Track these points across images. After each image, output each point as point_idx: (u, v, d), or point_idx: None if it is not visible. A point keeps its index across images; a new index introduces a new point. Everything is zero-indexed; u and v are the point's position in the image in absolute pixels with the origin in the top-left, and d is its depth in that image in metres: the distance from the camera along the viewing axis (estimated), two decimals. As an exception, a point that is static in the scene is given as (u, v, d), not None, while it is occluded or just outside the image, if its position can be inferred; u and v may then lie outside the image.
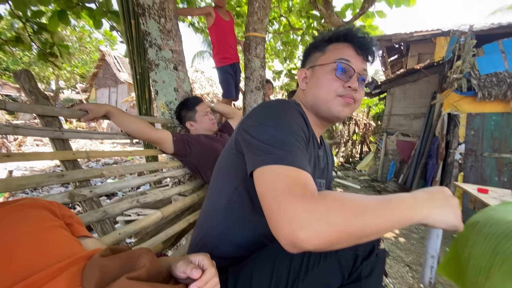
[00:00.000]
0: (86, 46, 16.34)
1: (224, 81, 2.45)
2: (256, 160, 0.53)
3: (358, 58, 0.71)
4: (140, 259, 0.49)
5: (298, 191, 0.46)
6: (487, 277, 0.69)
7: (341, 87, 0.69)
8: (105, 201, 3.34)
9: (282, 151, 0.52)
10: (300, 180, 0.48)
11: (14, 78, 0.94)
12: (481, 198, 1.05)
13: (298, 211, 0.43)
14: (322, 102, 0.71)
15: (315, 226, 0.42)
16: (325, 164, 0.84)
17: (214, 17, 2.27)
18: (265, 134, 0.56)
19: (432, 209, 0.49)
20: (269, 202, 0.47)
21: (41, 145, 8.29)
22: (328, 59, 0.72)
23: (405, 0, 3.09)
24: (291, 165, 0.50)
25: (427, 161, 4.58)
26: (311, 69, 0.76)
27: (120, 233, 0.92)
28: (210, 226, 0.72)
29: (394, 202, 0.47)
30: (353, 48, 0.72)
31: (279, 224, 0.44)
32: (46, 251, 0.47)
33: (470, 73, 3.82)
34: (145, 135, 1.27)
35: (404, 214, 0.46)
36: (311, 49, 0.79)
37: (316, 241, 0.42)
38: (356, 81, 0.70)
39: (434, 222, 0.49)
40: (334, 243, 0.43)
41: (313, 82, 0.74)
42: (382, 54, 7.61)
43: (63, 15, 2.31)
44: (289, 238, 0.43)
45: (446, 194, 0.53)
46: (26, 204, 0.54)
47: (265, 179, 0.50)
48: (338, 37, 0.74)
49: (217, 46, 2.38)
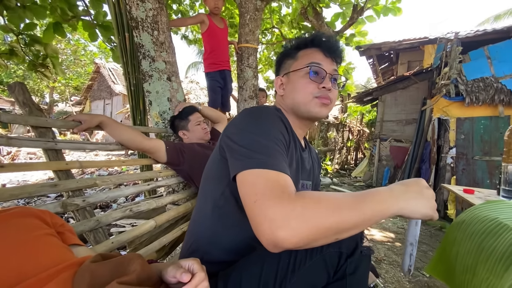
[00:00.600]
0: (81, 59, 16.43)
1: (210, 89, 2.42)
2: (238, 165, 0.56)
3: (327, 60, 0.76)
4: (130, 264, 0.50)
5: (277, 193, 0.48)
6: (473, 274, 0.71)
7: (316, 89, 0.74)
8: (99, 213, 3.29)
9: (263, 155, 0.55)
10: (279, 182, 0.51)
11: (9, 91, 0.95)
12: (467, 199, 1.08)
13: (277, 212, 0.45)
14: (301, 104, 0.76)
15: (293, 224, 0.44)
16: (311, 166, 0.87)
17: (207, 24, 2.27)
18: (246, 139, 0.59)
19: (407, 200, 0.51)
20: (251, 206, 0.49)
21: (35, 159, 8.19)
22: (301, 64, 0.76)
23: (392, 10, 3.21)
24: (271, 169, 0.53)
25: (420, 165, 4.64)
26: (286, 75, 0.81)
27: (113, 242, 0.92)
28: (200, 232, 0.73)
29: (370, 196, 0.50)
30: (322, 51, 0.77)
31: (260, 226, 0.46)
32: (37, 259, 0.47)
33: (457, 79, 3.94)
34: (138, 145, 1.28)
35: (379, 207, 0.49)
36: (282, 58, 0.84)
37: (295, 239, 0.44)
38: (329, 82, 0.75)
39: (410, 213, 0.51)
40: (313, 240, 0.45)
41: (290, 87, 0.78)
42: (373, 62, 7.79)
43: (58, 28, 2.34)
44: (270, 238, 0.45)
45: (421, 185, 0.55)
46: (17, 212, 0.55)
47: (246, 183, 0.53)
48: (305, 43, 0.79)
49: (209, 52, 2.37)
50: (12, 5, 2.13)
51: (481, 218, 0.79)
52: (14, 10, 2.16)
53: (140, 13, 1.57)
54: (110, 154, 10.31)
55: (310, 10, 3.38)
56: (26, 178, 5.57)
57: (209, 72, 2.40)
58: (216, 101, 2.43)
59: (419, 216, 0.53)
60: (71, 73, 17.09)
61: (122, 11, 2.06)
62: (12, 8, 2.14)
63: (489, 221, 0.75)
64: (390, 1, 3.16)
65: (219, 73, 2.41)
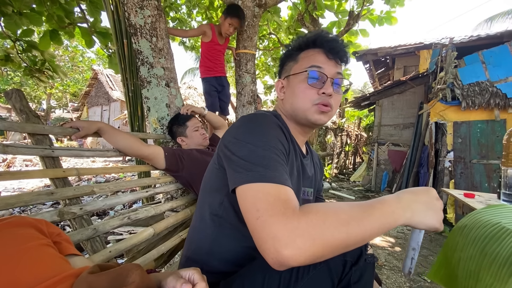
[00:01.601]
0: (79, 65, 16.45)
1: (207, 93, 2.42)
2: (237, 178, 0.54)
3: (330, 63, 0.71)
4: (129, 275, 0.48)
5: (280, 209, 0.46)
6: (477, 280, 0.70)
7: (315, 95, 0.70)
8: (96, 221, 3.25)
9: (262, 168, 0.52)
10: (281, 197, 0.49)
11: (5, 98, 0.94)
12: (467, 203, 1.08)
13: (281, 230, 0.44)
14: (300, 111, 0.72)
15: (298, 243, 0.42)
16: (313, 173, 0.85)
17: (210, 38, 2.24)
18: (244, 150, 0.56)
19: (414, 211, 0.50)
20: (253, 223, 0.48)
21: (31, 166, 8.11)
22: (301, 67, 0.72)
23: (387, 19, 3.25)
24: (271, 182, 0.50)
25: (418, 169, 4.65)
26: (286, 78, 0.77)
27: (110, 251, 0.90)
28: (199, 241, 0.71)
29: (378, 208, 0.48)
30: (324, 53, 0.71)
31: (264, 245, 0.45)
32: (32, 270, 0.46)
33: (453, 83, 3.98)
34: (137, 151, 1.27)
35: (387, 219, 0.47)
36: (285, 59, 0.79)
37: (301, 258, 0.42)
38: (330, 87, 0.70)
39: (416, 223, 0.51)
40: (319, 257, 0.44)
41: (289, 92, 0.74)
42: (370, 67, 7.88)
43: (55, 35, 2.34)
44: (275, 257, 0.43)
45: (431, 196, 0.53)
46: (13, 222, 0.54)
47: (247, 199, 0.51)
48: (307, 44, 0.74)
49: (205, 60, 2.37)
50: (8, 12, 2.14)
51: (483, 223, 0.78)
52: (11, 17, 2.16)
53: (138, 20, 1.58)
54: (107, 161, 10.24)
55: (307, 16, 3.42)
56: (22, 185, 5.50)
57: (205, 77, 2.41)
58: (213, 104, 2.42)
59: (424, 227, 0.52)
60: (68, 79, 17.09)
61: (121, 18, 2.07)
62: (8, 14, 2.14)
63: (492, 226, 0.75)
64: (385, 11, 3.21)
65: (215, 78, 2.41)
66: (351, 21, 3.21)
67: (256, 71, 2.58)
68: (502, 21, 9.80)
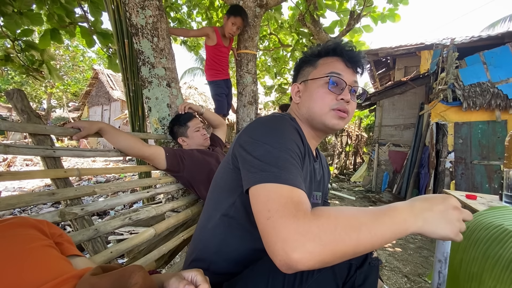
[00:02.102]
0: (79, 65, 16.46)
1: (217, 96, 2.44)
2: (251, 178, 0.54)
3: (348, 71, 0.73)
4: (132, 276, 0.48)
5: (291, 211, 0.46)
6: (479, 282, 0.70)
7: (334, 100, 0.71)
8: (96, 220, 3.25)
9: (277, 169, 0.52)
10: (294, 199, 0.48)
11: (7, 97, 0.94)
12: (469, 204, 1.08)
13: (291, 233, 0.43)
14: (317, 115, 0.73)
15: (308, 247, 0.42)
16: (321, 176, 0.85)
17: (215, 41, 2.25)
18: (260, 150, 0.56)
19: (427, 220, 0.48)
20: (263, 223, 0.47)
21: (31, 166, 8.11)
22: (320, 73, 0.73)
23: (390, 16, 3.23)
24: (285, 183, 0.50)
25: (419, 170, 4.65)
26: (303, 83, 0.78)
27: (111, 252, 0.90)
28: (207, 241, 0.71)
29: (389, 215, 0.47)
30: (343, 61, 0.73)
31: (273, 246, 0.44)
32: (34, 271, 0.46)
33: (454, 84, 3.98)
34: (137, 152, 1.27)
35: (398, 227, 0.46)
36: (302, 64, 0.81)
37: (310, 262, 0.42)
38: (348, 93, 0.72)
39: (428, 233, 0.49)
40: (328, 262, 0.43)
41: (307, 96, 0.75)
42: (370, 67, 7.87)
43: (55, 34, 2.34)
44: (283, 259, 0.43)
45: (447, 205, 0.51)
46: (15, 223, 0.53)
47: (259, 198, 0.50)
48: (327, 51, 0.76)
49: (211, 63, 2.38)
50: (8, 11, 2.13)
51: (485, 225, 0.78)
52: (11, 16, 2.16)
53: (140, 20, 1.58)
54: (108, 161, 10.25)
55: (307, 16, 3.41)
56: (22, 185, 5.50)
57: (213, 80, 2.42)
58: (223, 107, 2.44)
59: (438, 237, 0.50)
60: (69, 79, 17.10)
61: (122, 18, 2.07)
62: (8, 14, 2.14)
63: (494, 228, 0.75)
64: (388, 8, 3.20)
65: (223, 81, 2.44)
66: (352, 21, 3.20)
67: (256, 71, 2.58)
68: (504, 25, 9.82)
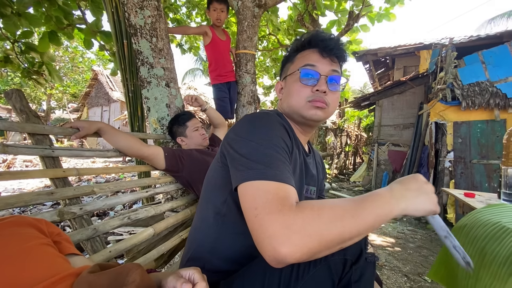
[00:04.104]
0: (79, 66, 16.46)
1: (218, 99, 2.44)
2: (238, 176, 0.54)
3: (324, 61, 0.72)
4: (129, 274, 0.48)
5: (277, 207, 0.47)
6: (476, 279, 0.70)
7: (309, 92, 0.71)
8: (96, 221, 3.25)
9: (263, 166, 0.53)
10: (279, 194, 0.49)
11: (6, 98, 0.94)
12: (468, 202, 1.08)
13: (277, 228, 0.44)
14: (295, 109, 0.74)
15: (294, 240, 0.43)
16: (316, 171, 0.85)
17: (210, 37, 2.28)
18: (247, 148, 0.57)
19: (408, 199, 0.51)
20: (252, 221, 0.48)
21: (31, 166, 8.11)
22: (295, 67, 0.75)
23: (385, 16, 3.27)
24: (272, 180, 0.51)
25: (418, 169, 4.65)
26: (284, 80, 0.80)
27: (110, 251, 0.90)
28: (201, 240, 0.71)
29: (370, 200, 0.49)
30: (318, 52, 0.73)
31: (262, 242, 0.46)
32: (32, 269, 0.46)
33: (453, 83, 3.98)
34: (137, 152, 1.27)
35: (381, 211, 0.48)
36: (284, 61, 0.83)
37: (298, 254, 0.43)
38: (323, 84, 0.71)
39: (413, 211, 0.51)
40: (316, 253, 0.44)
41: (286, 92, 0.77)
42: (370, 67, 7.88)
43: (54, 36, 2.34)
44: (272, 255, 0.44)
45: (419, 181, 0.54)
46: (13, 222, 0.54)
47: (247, 196, 0.51)
48: (303, 45, 0.76)
49: (214, 64, 2.39)
50: (7, 13, 2.13)
51: (483, 222, 0.78)
52: (10, 18, 2.16)
53: (138, 20, 1.58)
54: (108, 161, 10.25)
55: (306, 17, 3.42)
56: (22, 185, 5.50)
57: (215, 84, 2.42)
58: (225, 111, 2.44)
59: (422, 214, 0.52)
60: (68, 80, 17.09)
61: (121, 18, 2.07)
62: (7, 15, 2.14)
63: (492, 225, 0.75)
64: (384, 8, 3.23)
65: (225, 84, 2.43)
66: (351, 21, 3.21)
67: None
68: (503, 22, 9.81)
